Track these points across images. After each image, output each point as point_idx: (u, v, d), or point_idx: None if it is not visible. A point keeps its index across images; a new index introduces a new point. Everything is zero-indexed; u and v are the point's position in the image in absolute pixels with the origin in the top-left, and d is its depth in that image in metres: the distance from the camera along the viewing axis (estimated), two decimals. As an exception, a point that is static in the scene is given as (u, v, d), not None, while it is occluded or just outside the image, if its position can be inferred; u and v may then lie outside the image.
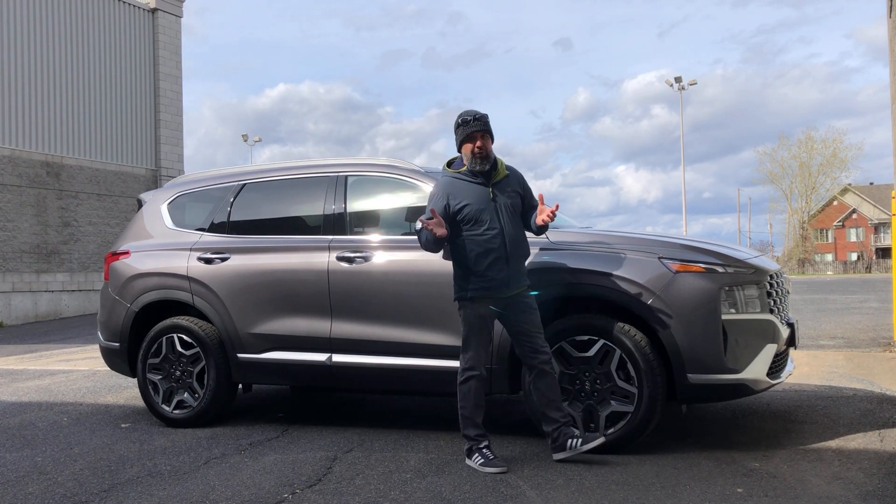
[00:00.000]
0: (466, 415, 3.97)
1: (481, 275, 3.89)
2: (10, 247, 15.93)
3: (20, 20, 16.38)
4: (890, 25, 8.24)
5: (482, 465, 3.80)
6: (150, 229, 5.58)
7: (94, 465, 4.16)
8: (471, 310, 3.94)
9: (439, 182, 4.10)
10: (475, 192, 3.95)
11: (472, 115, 3.97)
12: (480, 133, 3.94)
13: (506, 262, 3.89)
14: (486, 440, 3.93)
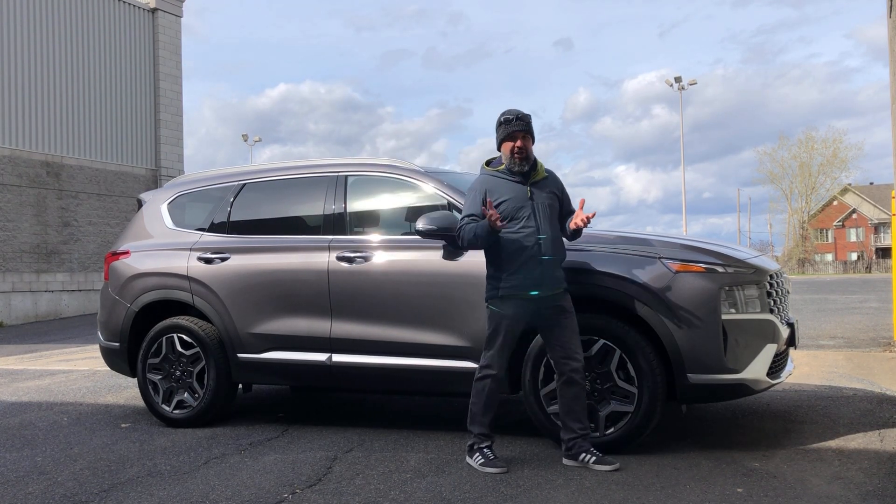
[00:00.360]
0: (475, 411, 3.93)
1: (513, 273, 3.85)
2: (10, 247, 15.94)
3: (20, 20, 16.38)
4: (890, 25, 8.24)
5: (482, 465, 3.80)
6: (150, 229, 5.59)
7: (94, 465, 4.17)
8: (498, 308, 3.89)
9: (477, 179, 4.07)
10: (513, 189, 3.93)
11: (515, 115, 3.95)
12: (521, 133, 3.92)
13: (539, 261, 3.84)
14: (489, 441, 3.91)
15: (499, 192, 3.92)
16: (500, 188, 3.93)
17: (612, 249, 4.20)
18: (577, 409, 3.87)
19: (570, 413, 3.87)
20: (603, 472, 3.70)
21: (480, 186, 3.97)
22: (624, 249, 4.17)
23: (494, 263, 3.93)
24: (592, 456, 3.79)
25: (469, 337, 4.35)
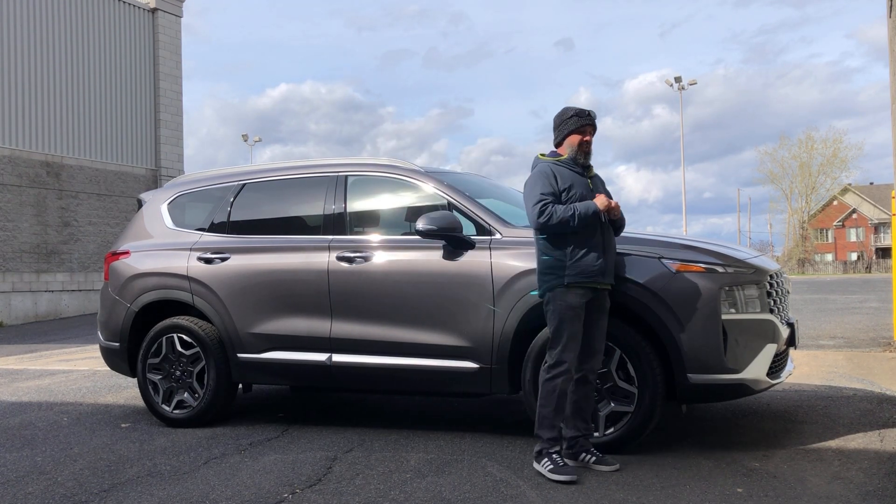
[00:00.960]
0: (545, 414, 3.78)
1: (579, 261, 3.78)
2: (10, 247, 15.93)
3: (20, 20, 16.38)
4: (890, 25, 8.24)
5: (551, 472, 3.63)
6: (150, 229, 5.59)
7: (94, 465, 4.16)
8: (563, 300, 3.77)
9: (541, 166, 3.96)
10: (578, 179, 3.92)
11: (586, 111, 4.02)
12: (591, 128, 3.98)
13: (603, 251, 3.83)
14: (559, 445, 3.79)
15: (566, 180, 3.88)
16: (567, 176, 3.89)
17: (612, 249, 4.20)
18: (585, 409, 3.88)
19: (578, 412, 3.87)
20: (603, 473, 3.70)
21: (549, 171, 3.90)
22: (624, 249, 4.17)
23: (558, 251, 3.82)
24: (592, 456, 3.80)
25: (469, 337, 4.35)
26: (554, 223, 3.78)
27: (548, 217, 3.78)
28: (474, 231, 4.51)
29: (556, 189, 3.84)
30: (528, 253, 4.31)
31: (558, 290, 3.79)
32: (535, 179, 3.92)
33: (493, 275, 4.32)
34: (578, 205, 3.79)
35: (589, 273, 3.78)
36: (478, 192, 4.91)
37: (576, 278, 3.78)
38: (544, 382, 3.80)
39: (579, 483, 3.56)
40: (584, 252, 3.79)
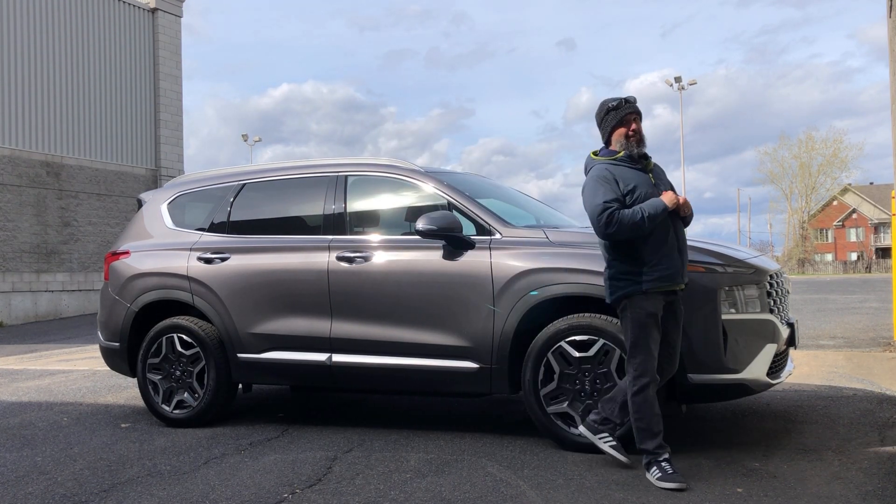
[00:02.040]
0: (643, 427, 3.59)
1: (655, 265, 3.56)
2: (10, 247, 15.93)
3: (20, 20, 16.38)
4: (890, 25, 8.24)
5: (659, 480, 3.46)
6: (150, 229, 5.59)
7: (94, 465, 4.16)
8: (641, 307, 3.58)
9: (600, 167, 3.72)
10: (639, 177, 3.68)
11: (623, 99, 3.74)
12: (634, 115, 3.72)
13: (678, 251, 3.63)
14: (665, 452, 3.57)
15: (628, 181, 3.64)
16: (628, 176, 3.66)
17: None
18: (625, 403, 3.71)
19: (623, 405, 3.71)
20: (603, 472, 3.70)
21: (608, 174, 3.65)
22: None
23: (631, 256, 3.62)
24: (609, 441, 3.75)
25: (469, 337, 4.35)
26: (624, 230, 3.56)
27: (616, 226, 3.55)
28: (474, 231, 4.51)
29: (620, 193, 3.60)
30: (527, 253, 4.31)
31: (637, 297, 3.58)
32: (594, 185, 3.65)
33: (493, 275, 4.32)
34: (645, 205, 3.56)
35: (668, 276, 3.58)
36: (478, 192, 4.91)
37: (655, 283, 3.57)
38: (633, 396, 3.60)
39: (580, 482, 3.56)
40: (661, 254, 3.58)
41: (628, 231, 3.56)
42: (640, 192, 3.62)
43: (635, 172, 3.69)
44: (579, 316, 4.14)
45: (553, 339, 4.13)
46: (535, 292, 4.20)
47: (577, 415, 4.08)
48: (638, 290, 3.58)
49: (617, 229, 3.56)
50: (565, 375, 4.11)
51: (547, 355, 4.14)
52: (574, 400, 4.10)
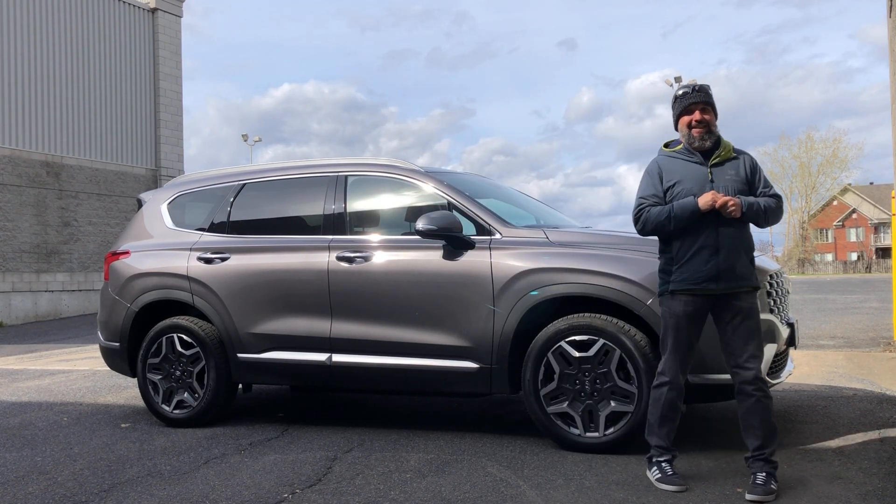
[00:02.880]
0: (651, 421, 3.57)
1: (683, 266, 3.44)
2: (10, 247, 15.93)
3: (20, 20, 16.38)
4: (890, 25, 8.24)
5: (657, 480, 3.45)
6: (150, 229, 5.59)
7: (94, 465, 4.16)
8: (668, 306, 3.50)
9: (651, 162, 3.66)
10: (690, 171, 3.50)
11: (691, 87, 3.53)
12: (700, 105, 3.49)
13: (715, 252, 3.39)
14: (668, 454, 3.52)
15: (674, 174, 3.51)
16: (676, 169, 3.52)
17: (612, 249, 4.20)
18: (752, 424, 3.39)
19: (745, 429, 3.43)
20: (603, 472, 3.70)
21: (654, 168, 3.58)
22: (624, 249, 4.18)
23: (666, 255, 3.54)
24: (759, 481, 3.30)
25: (469, 337, 4.35)
26: (649, 230, 3.50)
27: (642, 224, 3.51)
28: (474, 231, 4.51)
29: (660, 188, 3.51)
30: (528, 253, 4.31)
31: (665, 297, 3.53)
32: (641, 179, 3.63)
33: (493, 275, 4.32)
34: (675, 204, 3.43)
35: (695, 279, 3.41)
36: (478, 192, 4.91)
37: (680, 285, 3.45)
38: (652, 389, 3.61)
39: (580, 482, 3.56)
40: (690, 255, 3.43)
41: (653, 230, 3.51)
42: (682, 187, 3.47)
43: (688, 166, 3.52)
44: (579, 316, 4.14)
45: (553, 339, 4.13)
46: (535, 292, 4.20)
47: (577, 415, 4.08)
48: (666, 289, 3.53)
49: (643, 227, 3.53)
50: (565, 375, 4.11)
51: (547, 355, 4.14)
52: (574, 400, 4.10)
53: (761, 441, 3.37)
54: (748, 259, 3.46)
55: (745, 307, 3.43)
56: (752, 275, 3.47)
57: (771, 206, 3.44)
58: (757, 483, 3.30)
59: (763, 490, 3.26)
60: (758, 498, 3.24)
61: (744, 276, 3.43)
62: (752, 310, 3.43)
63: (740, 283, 3.42)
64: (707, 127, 3.49)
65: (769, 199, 3.45)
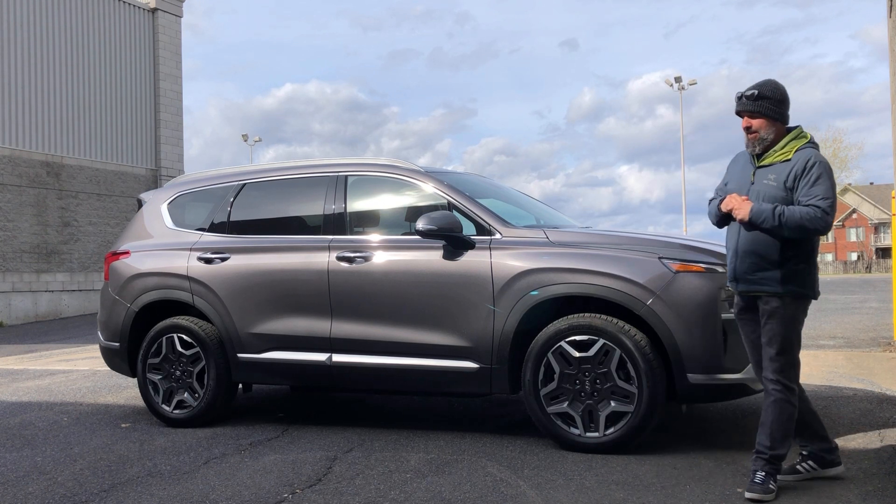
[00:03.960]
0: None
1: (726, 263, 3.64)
2: (10, 247, 15.93)
3: (20, 20, 16.38)
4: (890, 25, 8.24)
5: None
6: (150, 229, 5.59)
7: (94, 465, 4.17)
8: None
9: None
10: (743, 172, 3.55)
11: (741, 93, 3.51)
12: (746, 112, 3.47)
13: (735, 254, 3.48)
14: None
15: (731, 173, 3.63)
16: (735, 168, 3.62)
17: (612, 249, 4.20)
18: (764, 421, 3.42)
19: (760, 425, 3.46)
20: (603, 472, 3.70)
21: (729, 164, 3.70)
22: (624, 249, 4.18)
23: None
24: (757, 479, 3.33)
25: (469, 337, 4.35)
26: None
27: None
28: (474, 231, 4.51)
29: (722, 184, 3.64)
30: (528, 253, 4.31)
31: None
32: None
33: (493, 275, 4.32)
34: (711, 203, 3.58)
35: (728, 277, 3.58)
36: (478, 192, 4.91)
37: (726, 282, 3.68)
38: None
39: (580, 482, 3.55)
40: (728, 254, 3.58)
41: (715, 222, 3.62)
42: (730, 187, 3.55)
43: (745, 167, 3.55)
44: (579, 316, 4.14)
45: (553, 339, 4.13)
46: (535, 292, 4.20)
47: (577, 415, 4.08)
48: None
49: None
50: (565, 375, 4.12)
51: (547, 355, 4.14)
52: (574, 400, 4.10)
53: (768, 441, 3.37)
54: (768, 264, 3.38)
55: (766, 310, 3.41)
56: (773, 280, 3.38)
57: (794, 215, 3.27)
58: (755, 482, 3.30)
59: (762, 489, 3.27)
60: (755, 496, 3.25)
61: (760, 282, 3.40)
62: (773, 313, 3.39)
63: (755, 287, 3.41)
64: (755, 134, 3.47)
65: (799, 209, 3.28)
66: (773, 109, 3.45)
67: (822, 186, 3.29)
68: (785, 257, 3.36)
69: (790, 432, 3.39)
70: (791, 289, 3.36)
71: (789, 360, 3.39)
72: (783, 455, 3.38)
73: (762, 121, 3.46)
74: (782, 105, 3.49)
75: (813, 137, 3.54)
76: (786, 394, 3.38)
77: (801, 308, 3.43)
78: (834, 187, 3.34)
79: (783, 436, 3.37)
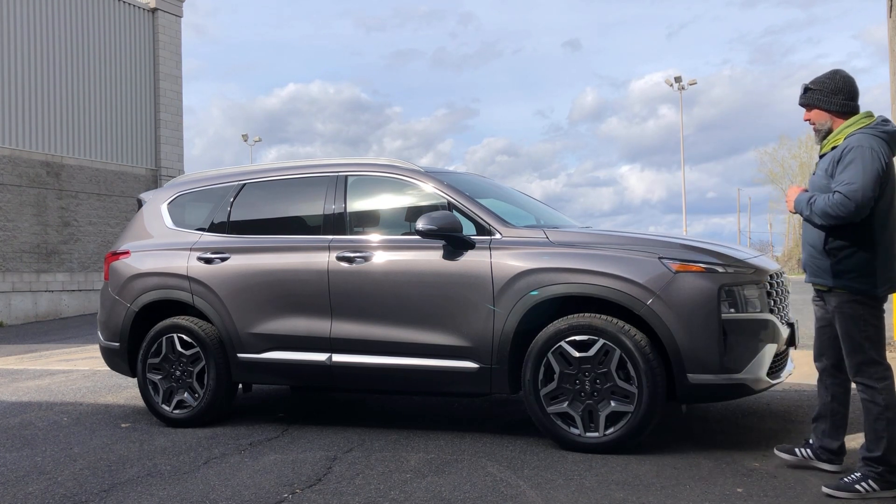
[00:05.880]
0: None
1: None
2: (10, 247, 15.93)
3: (20, 20, 16.38)
4: (890, 25, 8.24)
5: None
6: (150, 229, 5.59)
7: (94, 465, 4.17)
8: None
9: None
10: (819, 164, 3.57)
11: (803, 86, 3.56)
12: (804, 106, 3.56)
13: (804, 245, 3.53)
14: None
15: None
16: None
17: (612, 249, 4.20)
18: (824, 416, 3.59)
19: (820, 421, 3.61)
20: (603, 472, 3.70)
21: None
22: (624, 249, 4.18)
23: None
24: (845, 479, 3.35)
25: (469, 337, 4.35)
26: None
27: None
28: (474, 231, 4.51)
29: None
30: (528, 253, 4.31)
31: None
32: None
33: (493, 275, 4.32)
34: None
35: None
36: (478, 192, 4.91)
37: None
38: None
39: (580, 482, 3.55)
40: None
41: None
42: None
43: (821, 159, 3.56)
44: (579, 316, 4.14)
45: (553, 339, 4.13)
46: (535, 292, 4.20)
47: (577, 415, 4.09)
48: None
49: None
50: (565, 375, 4.12)
51: (547, 355, 4.14)
52: (574, 400, 4.10)
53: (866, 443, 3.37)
54: (819, 254, 3.41)
55: (831, 308, 3.44)
56: (826, 273, 3.39)
57: (820, 202, 3.30)
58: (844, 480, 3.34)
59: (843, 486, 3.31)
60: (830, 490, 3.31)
61: (816, 273, 3.46)
62: (835, 311, 3.40)
63: (814, 279, 3.49)
64: (814, 126, 3.54)
65: (826, 196, 3.29)
66: (822, 100, 3.48)
67: (850, 171, 3.24)
68: (834, 247, 3.35)
69: (883, 434, 3.30)
70: (845, 284, 3.34)
71: (863, 359, 3.35)
72: (880, 458, 3.30)
73: (815, 112, 3.52)
74: (836, 95, 3.46)
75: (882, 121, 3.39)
76: (868, 393, 3.35)
77: (867, 306, 3.34)
78: (867, 171, 3.21)
79: (876, 437, 3.33)
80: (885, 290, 3.34)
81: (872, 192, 3.21)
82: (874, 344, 3.35)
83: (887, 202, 3.31)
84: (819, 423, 3.62)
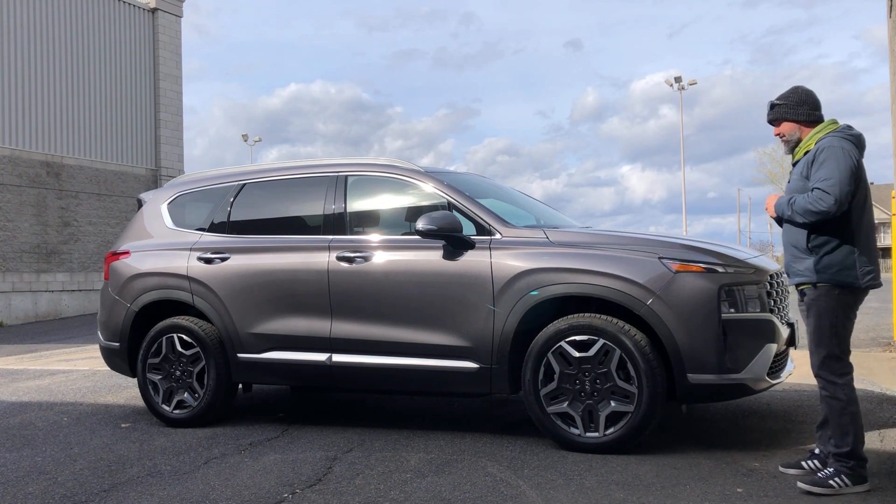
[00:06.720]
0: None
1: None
2: (10, 247, 15.93)
3: (20, 20, 16.38)
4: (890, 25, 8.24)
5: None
6: (150, 229, 5.59)
7: (94, 465, 4.17)
8: None
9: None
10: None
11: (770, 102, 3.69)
12: (769, 122, 3.71)
13: (785, 246, 3.63)
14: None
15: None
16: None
17: (612, 249, 4.20)
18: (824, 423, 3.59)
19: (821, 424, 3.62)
20: (603, 472, 3.70)
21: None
22: (624, 249, 4.18)
23: None
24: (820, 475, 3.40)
25: (469, 337, 4.35)
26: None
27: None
28: (474, 231, 4.51)
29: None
30: (528, 253, 4.31)
31: None
32: None
33: (493, 275, 4.32)
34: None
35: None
36: (478, 192, 4.91)
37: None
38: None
39: (580, 482, 3.55)
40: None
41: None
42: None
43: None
44: (579, 316, 4.14)
45: (553, 339, 4.13)
46: (535, 292, 4.20)
47: (577, 415, 4.09)
48: None
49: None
50: (565, 375, 4.12)
51: (547, 355, 4.14)
52: (574, 400, 4.10)
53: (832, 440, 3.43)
54: (801, 253, 3.50)
55: (806, 303, 3.54)
56: (803, 272, 3.49)
57: (801, 200, 3.42)
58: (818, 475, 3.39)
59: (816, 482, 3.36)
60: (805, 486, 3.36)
61: (795, 273, 3.55)
62: (809, 305, 3.51)
63: (796, 279, 3.55)
64: (783, 140, 3.68)
65: (805, 195, 3.42)
66: (790, 112, 3.62)
67: (825, 169, 3.38)
68: (816, 244, 3.46)
69: (848, 428, 3.38)
70: (829, 278, 3.43)
71: (827, 354, 3.44)
72: (849, 452, 3.36)
73: (785, 124, 3.64)
74: (802, 105, 3.61)
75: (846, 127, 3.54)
76: (829, 389, 3.43)
77: (841, 298, 3.43)
78: (841, 167, 3.34)
79: (842, 433, 3.38)
80: (867, 282, 3.44)
81: (849, 185, 3.35)
82: (840, 340, 3.45)
83: (861, 200, 3.47)
84: (824, 429, 3.60)
